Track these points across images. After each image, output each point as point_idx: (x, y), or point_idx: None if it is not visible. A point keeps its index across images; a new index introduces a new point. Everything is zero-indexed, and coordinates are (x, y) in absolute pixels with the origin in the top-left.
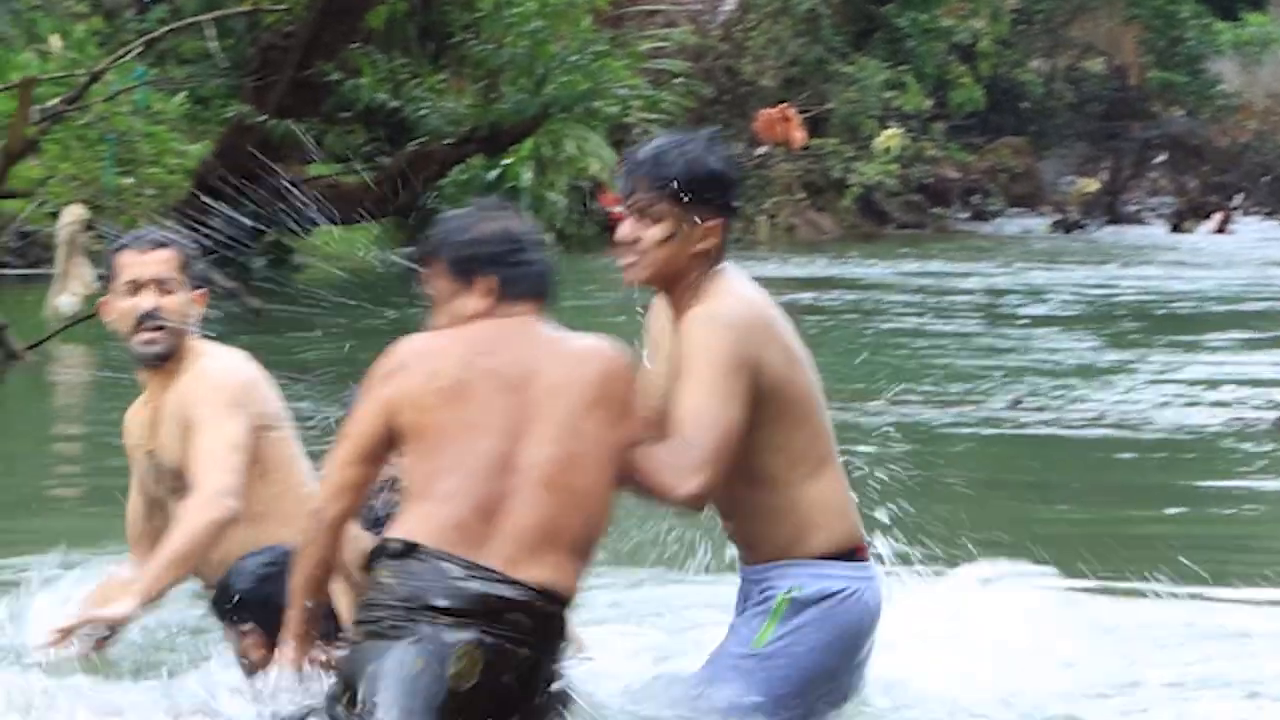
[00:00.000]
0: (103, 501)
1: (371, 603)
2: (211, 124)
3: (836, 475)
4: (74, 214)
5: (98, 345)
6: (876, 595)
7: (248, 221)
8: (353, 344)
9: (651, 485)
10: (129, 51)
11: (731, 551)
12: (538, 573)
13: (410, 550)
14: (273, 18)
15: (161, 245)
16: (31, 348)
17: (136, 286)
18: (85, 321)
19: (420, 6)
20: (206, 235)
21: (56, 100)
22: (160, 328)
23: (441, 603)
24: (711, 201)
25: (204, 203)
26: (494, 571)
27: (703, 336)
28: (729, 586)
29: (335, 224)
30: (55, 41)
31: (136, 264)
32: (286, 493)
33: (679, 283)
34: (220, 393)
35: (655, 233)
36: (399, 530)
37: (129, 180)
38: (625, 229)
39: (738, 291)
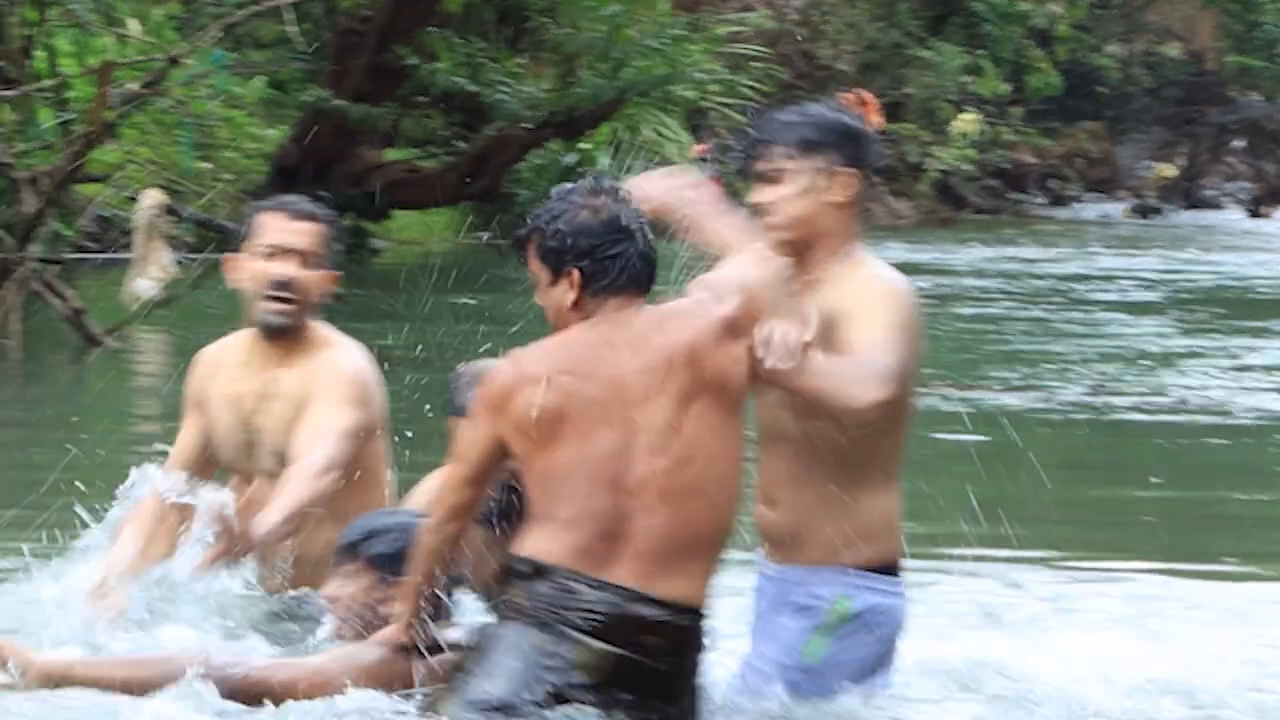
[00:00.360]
0: None
1: (506, 619)
2: (289, 108)
3: (898, 493)
4: (152, 198)
5: (176, 329)
6: (905, 611)
7: None
8: (436, 330)
9: (831, 390)
10: (206, 35)
11: None
12: (671, 587)
13: (539, 572)
14: (349, 2)
15: (312, 217)
16: (110, 332)
17: (276, 252)
18: (164, 305)
19: None
20: None
21: (135, 84)
22: (291, 300)
23: (577, 621)
24: (841, 153)
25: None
26: (627, 589)
27: (877, 292)
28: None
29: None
30: (134, 25)
31: (283, 230)
32: (376, 499)
33: (821, 242)
34: (349, 386)
35: (786, 190)
36: (526, 549)
37: (207, 164)
38: (758, 196)
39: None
